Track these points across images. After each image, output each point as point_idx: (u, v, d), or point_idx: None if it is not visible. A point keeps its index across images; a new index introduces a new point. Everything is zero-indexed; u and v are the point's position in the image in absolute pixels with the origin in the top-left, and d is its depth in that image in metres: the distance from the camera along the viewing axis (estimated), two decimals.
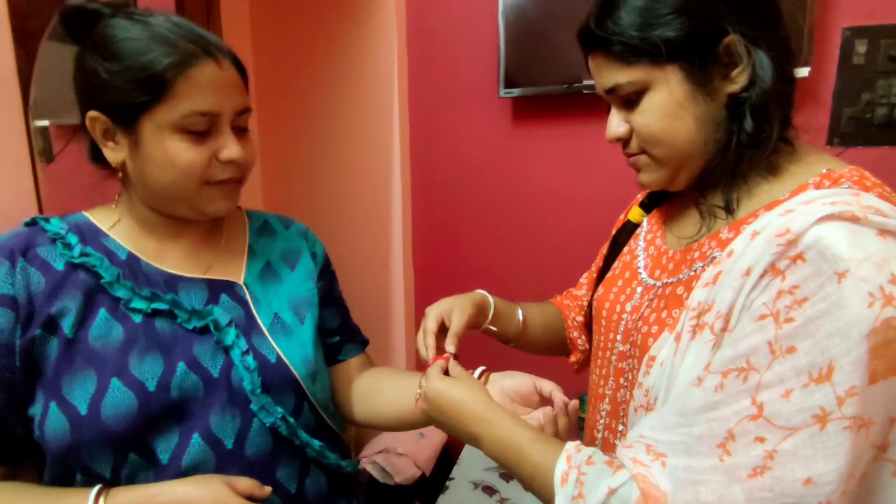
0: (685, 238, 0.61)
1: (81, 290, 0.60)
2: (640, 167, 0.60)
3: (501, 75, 1.49)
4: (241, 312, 0.67)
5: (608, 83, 0.56)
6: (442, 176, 1.68)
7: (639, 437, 0.49)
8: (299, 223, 0.83)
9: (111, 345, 0.59)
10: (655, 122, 0.55)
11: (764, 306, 0.43)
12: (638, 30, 0.52)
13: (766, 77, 0.51)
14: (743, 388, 0.43)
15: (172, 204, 0.63)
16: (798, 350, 0.41)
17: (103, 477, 0.58)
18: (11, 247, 0.59)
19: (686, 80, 0.53)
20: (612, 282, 0.70)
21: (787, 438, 0.41)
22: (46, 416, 0.56)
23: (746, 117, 0.52)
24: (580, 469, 0.49)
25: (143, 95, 0.57)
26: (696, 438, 0.45)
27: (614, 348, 0.65)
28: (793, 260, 0.43)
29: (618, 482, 0.47)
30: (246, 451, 0.63)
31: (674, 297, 0.57)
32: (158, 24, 0.59)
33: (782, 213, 0.46)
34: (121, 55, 0.57)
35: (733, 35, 0.51)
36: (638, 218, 0.72)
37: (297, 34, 1.66)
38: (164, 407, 0.59)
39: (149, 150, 0.59)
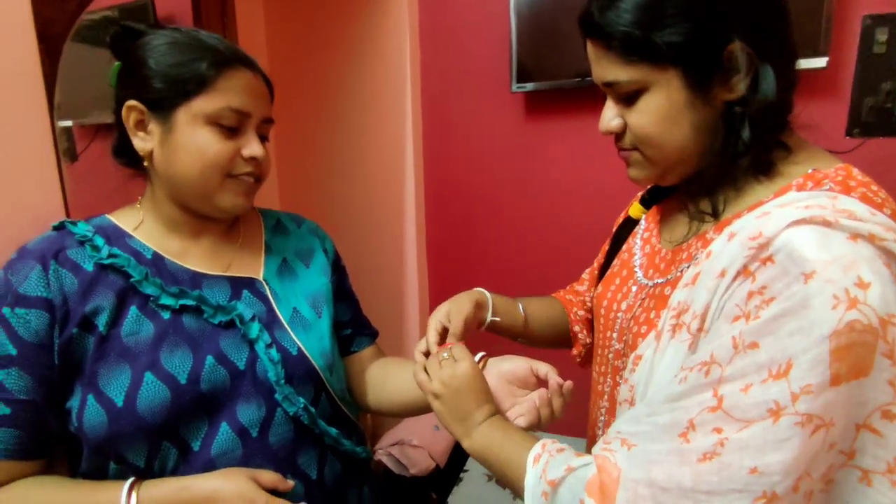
0: (676, 239, 0.61)
1: (113, 289, 0.62)
2: (631, 162, 0.59)
3: (514, 70, 1.49)
4: (262, 307, 0.70)
5: (607, 77, 0.55)
6: (455, 170, 1.69)
7: (616, 433, 0.51)
8: (310, 221, 0.86)
9: (143, 340, 0.62)
10: (651, 125, 0.54)
11: (736, 307, 0.44)
12: (641, 28, 0.50)
13: (770, 88, 0.50)
14: (705, 381, 0.44)
15: (193, 197, 0.66)
16: (760, 346, 0.42)
17: (137, 467, 0.61)
18: (43, 251, 0.62)
19: (686, 85, 0.51)
20: (611, 280, 0.71)
21: (742, 430, 0.42)
22: (85, 409, 0.59)
23: (744, 127, 0.51)
24: (551, 453, 0.53)
25: (187, 85, 0.62)
26: (660, 427, 0.46)
27: (611, 346, 0.66)
28: (763, 262, 0.43)
29: (579, 462, 0.51)
30: (270, 439, 0.66)
31: (661, 297, 0.58)
32: (204, 35, 0.65)
33: (758, 216, 0.46)
34: (170, 53, 0.63)
35: (738, 42, 0.49)
36: (638, 214, 0.72)
37: (311, 30, 1.68)
38: (195, 399, 0.62)
39: (180, 137, 0.63)
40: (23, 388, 0.58)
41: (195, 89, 0.62)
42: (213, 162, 0.63)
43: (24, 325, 0.58)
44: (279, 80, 0.73)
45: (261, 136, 0.69)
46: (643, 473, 0.45)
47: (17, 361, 0.58)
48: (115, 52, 0.67)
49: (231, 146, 0.64)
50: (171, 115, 0.63)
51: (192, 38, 0.65)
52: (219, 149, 0.63)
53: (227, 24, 1.55)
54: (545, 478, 0.51)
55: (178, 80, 0.62)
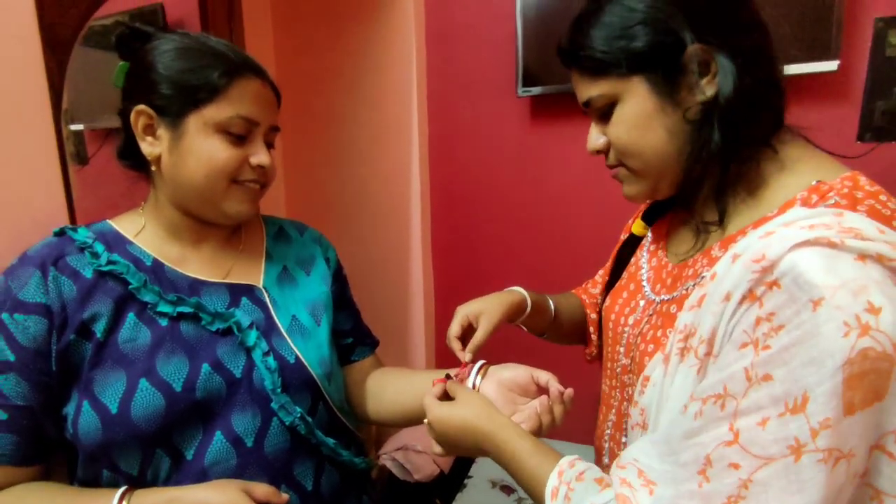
0: (682, 254, 0.61)
1: (111, 296, 0.62)
2: (621, 179, 0.61)
3: (520, 74, 1.48)
4: (261, 315, 0.70)
5: (583, 97, 0.58)
6: (460, 175, 1.68)
7: (633, 460, 0.50)
8: (313, 229, 0.85)
9: (139, 347, 0.62)
10: (626, 134, 0.55)
11: (744, 334, 0.43)
12: (604, 44, 0.54)
13: (728, 85, 0.51)
14: (721, 415, 0.43)
15: (199, 203, 0.66)
16: (774, 378, 0.41)
17: (130, 475, 0.61)
18: (43, 257, 0.62)
19: (653, 91, 0.53)
20: (618, 293, 0.70)
21: (762, 468, 0.40)
22: (80, 415, 0.59)
23: (714, 128, 0.52)
24: (569, 485, 0.51)
25: (198, 93, 0.63)
26: (681, 466, 0.45)
27: (618, 360, 0.66)
28: (769, 286, 0.42)
29: (601, 500, 0.49)
30: (265, 449, 0.65)
31: (667, 315, 0.58)
32: (213, 41, 0.66)
33: (762, 236, 0.45)
34: (180, 59, 0.63)
35: (694, 45, 0.51)
36: (640, 231, 0.72)
37: (318, 34, 1.68)
38: (190, 407, 0.61)
39: (190, 144, 0.63)
40: (20, 393, 0.58)
41: (206, 97, 0.63)
42: (220, 169, 0.64)
43: (22, 331, 0.58)
44: (286, 84, 0.74)
45: (267, 143, 0.69)
46: None
47: (15, 367, 0.58)
48: (121, 52, 0.67)
49: (239, 153, 0.65)
50: (181, 121, 0.63)
51: (201, 44, 0.65)
52: (227, 156, 0.64)
53: (235, 29, 1.55)
54: None
55: (188, 87, 0.62)
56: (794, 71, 1.21)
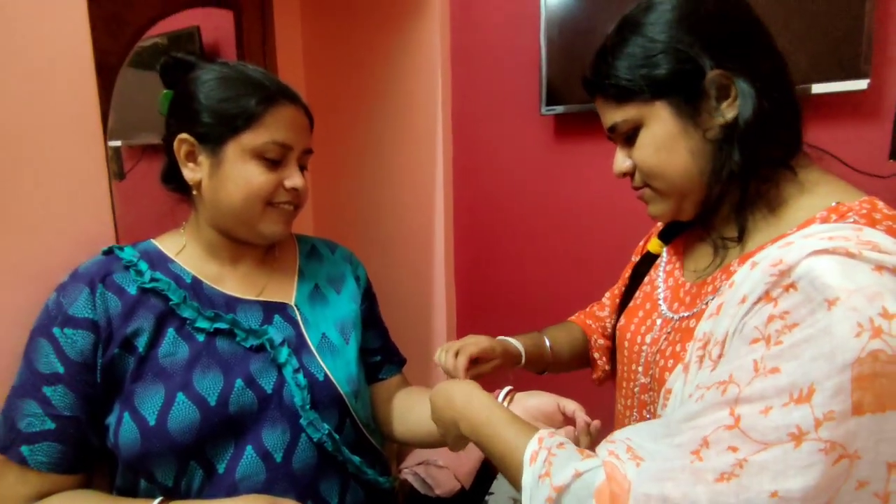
0: (701, 270, 0.62)
1: (153, 312, 0.66)
2: (647, 200, 0.63)
3: (543, 92, 1.49)
4: (292, 332, 0.72)
5: (608, 123, 0.61)
6: (484, 194, 1.69)
7: (625, 438, 0.51)
8: (344, 248, 0.88)
9: (178, 362, 0.64)
10: (651, 156, 0.58)
11: (755, 330, 0.44)
12: (627, 72, 0.56)
13: (748, 108, 0.53)
14: (721, 400, 0.44)
15: (236, 224, 0.70)
16: (781, 371, 0.41)
17: (165, 486, 0.63)
18: (92, 275, 0.66)
19: (675, 115, 0.56)
20: (634, 312, 0.71)
21: (760, 452, 0.41)
22: (121, 426, 0.62)
23: (734, 148, 0.54)
24: (550, 450, 0.51)
25: (236, 121, 0.66)
26: (675, 446, 0.46)
27: (636, 379, 0.66)
28: (785, 288, 0.43)
29: (586, 466, 0.48)
30: (293, 464, 0.67)
31: (687, 330, 0.58)
32: (250, 70, 0.69)
33: (781, 246, 0.46)
34: (219, 89, 0.67)
35: (714, 71, 0.53)
36: (657, 249, 0.74)
37: (346, 55, 1.73)
38: (223, 421, 0.64)
39: (229, 170, 0.67)
40: (68, 404, 0.62)
41: (244, 125, 0.66)
42: (256, 193, 0.67)
43: (71, 344, 0.62)
44: (315, 104, 0.77)
45: (300, 165, 0.72)
46: (656, 489, 0.45)
47: (63, 379, 0.61)
48: (165, 80, 0.71)
49: (274, 178, 0.68)
50: (220, 148, 0.66)
51: (239, 73, 0.68)
52: (263, 180, 0.67)
53: (268, 52, 1.62)
54: (551, 482, 0.49)
55: (227, 115, 0.66)
56: (823, 90, 1.19)
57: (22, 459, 0.60)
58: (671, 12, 0.55)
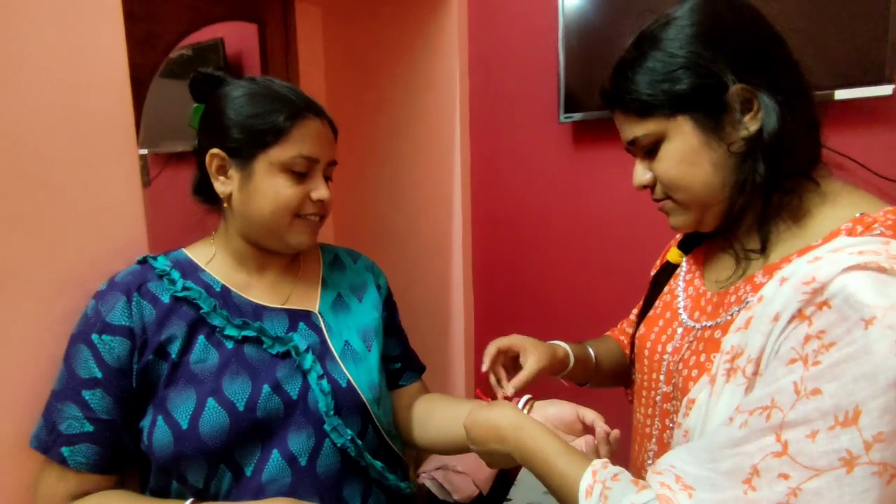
0: (723, 280, 0.62)
1: (185, 320, 0.68)
2: (668, 211, 0.63)
3: (562, 100, 1.49)
4: (316, 339, 0.74)
5: (629, 136, 0.61)
6: (503, 201, 1.70)
7: (669, 467, 0.51)
8: (366, 257, 0.90)
9: (208, 368, 0.67)
10: (673, 169, 0.58)
11: (792, 350, 0.44)
12: (648, 87, 0.57)
13: (772, 121, 0.53)
14: (766, 426, 0.44)
15: (264, 235, 0.72)
16: (823, 392, 0.42)
17: (196, 487, 0.65)
18: (128, 284, 0.68)
19: (698, 129, 0.56)
20: (654, 321, 0.71)
21: (813, 479, 0.41)
22: (154, 429, 0.64)
23: (759, 160, 0.54)
24: (605, 483, 0.51)
25: (265, 136, 0.68)
26: (722, 474, 0.46)
27: (658, 388, 0.66)
28: (819, 307, 0.43)
29: (641, 500, 0.48)
30: (317, 469, 0.69)
31: (711, 340, 0.59)
32: (277, 86, 0.72)
33: (810, 261, 0.46)
34: (248, 105, 0.69)
35: (737, 85, 0.54)
36: (676, 259, 0.74)
37: (366, 63, 1.76)
38: (251, 425, 0.66)
39: (258, 183, 0.69)
40: (105, 408, 0.64)
41: (272, 140, 0.68)
42: (285, 205, 0.70)
43: (109, 350, 0.64)
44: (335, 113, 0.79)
45: (325, 177, 0.74)
46: None
47: (101, 384, 0.64)
48: (194, 95, 0.74)
49: (301, 190, 0.70)
50: (250, 162, 0.69)
51: (266, 88, 0.71)
52: (291, 193, 0.70)
53: (290, 63, 1.65)
54: None
55: (256, 131, 0.68)
56: (847, 95, 1.18)
57: (62, 460, 0.63)
58: (691, 28, 0.56)
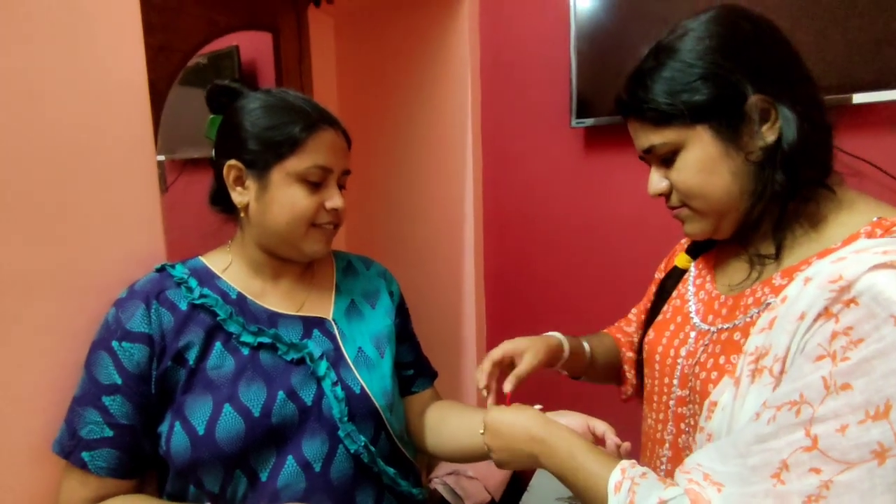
0: (736, 284, 0.63)
1: (203, 326, 0.69)
2: (683, 219, 0.64)
3: (574, 105, 1.49)
4: (330, 346, 0.75)
5: (644, 144, 0.61)
6: (514, 207, 1.69)
7: (696, 465, 0.51)
8: (378, 264, 0.91)
9: (224, 374, 0.68)
10: (692, 178, 0.59)
11: (819, 347, 0.45)
12: (667, 97, 0.57)
13: (791, 132, 0.54)
14: (796, 421, 0.44)
15: (280, 243, 0.73)
16: (853, 387, 0.42)
17: (212, 492, 0.66)
18: (147, 292, 0.70)
19: (717, 138, 0.56)
20: (664, 326, 0.71)
21: (844, 472, 0.41)
22: (172, 434, 0.65)
23: (777, 169, 0.55)
24: (633, 480, 0.52)
25: (281, 147, 0.70)
26: (750, 469, 0.46)
27: (671, 393, 0.66)
28: (846, 304, 0.44)
29: (669, 495, 0.49)
30: (331, 475, 0.69)
31: (730, 342, 0.59)
32: (292, 97, 0.73)
33: (834, 261, 0.47)
34: (264, 117, 0.71)
35: (755, 96, 0.55)
36: (685, 264, 0.75)
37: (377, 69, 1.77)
38: (266, 431, 0.66)
39: (274, 193, 0.71)
40: (125, 413, 0.65)
41: (288, 151, 0.70)
42: (300, 215, 0.71)
43: (128, 357, 0.66)
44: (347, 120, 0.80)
45: (339, 185, 0.75)
46: None
47: (121, 390, 0.65)
48: (212, 107, 0.76)
49: (316, 200, 0.72)
50: (266, 173, 0.70)
51: (281, 100, 0.72)
52: (306, 203, 0.71)
53: (304, 71, 1.67)
54: None
55: (272, 142, 0.70)
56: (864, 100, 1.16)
57: (83, 464, 0.64)
58: (709, 39, 0.56)
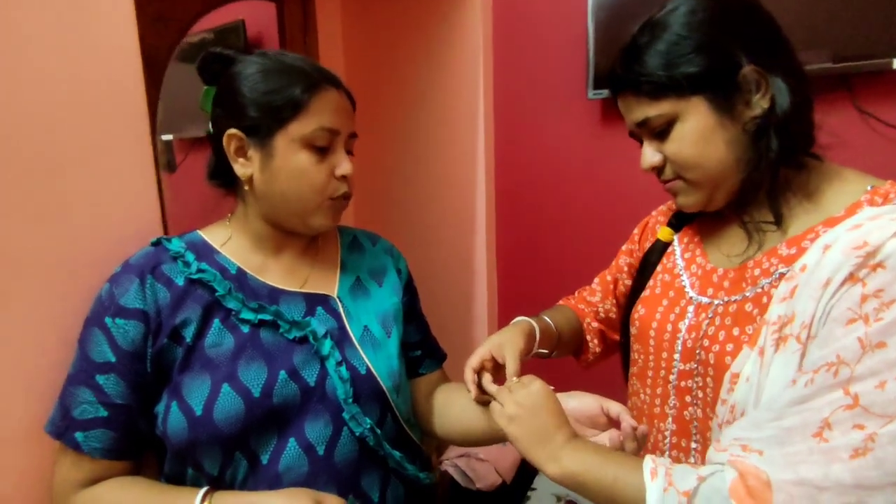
0: (734, 256, 0.64)
1: (200, 303, 0.66)
2: (677, 191, 0.65)
3: (591, 76, 1.43)
4: (334, 324, 0.71)
5: (638, 118, 0.62)
6: (527, 180, 1.65)
7: (733, 440, 0.52)
8: (385, 240, 0.87)
9: (223, 353, 0.65)
10: (688, 149, 0.60)
11: (849, 311, 0.47)
12: (662, 69, 0.59)
13: (785, 100, 0.57)
14: (834, 381, 0.46)
15: (287, 216, 0.70)
16: (888, 345, 0.44)
17: (211, 475, 0.64)
18: (142, 266, 0.66)
19: (712, 109, 0.58)
20: (656, 301, 0.71)
21: (888, 424, 0.43)
22: (169, 414, 0.63)
23: (772, 137, 0.57)
24: (667, 467, 0.53)
25: (283, 112, 0.65)
26: (787, 430, 0.47)
27: (671, 368, 0.67)
28: (872, 268, 0.46)
29: (707, 471, 0.50)
30: (335, 458, 0.66)
31: (742, 314, 0.59)
32: (290, 58, 0.68)
33: (850, 228, 0.50)
34: (263, 81, 0.66)
35: (748, 66, 0.57)
36: (668, 237, 0.76)
37: (386, 39, 1.71)
38: (266, 412, 0.64)
39: (280, 162, 0.66)
40: (119, 393, 0.63)
41: (290, 115, 0.65)
42: (311, 185, 0.67)
43: (122, 334, 0.63)
44: (356, 92, 0.76)
45: (347, 151, 0.71)
46: (791, 474, 0.46)
47: (115, 368, 0.63)
48: (204, 77, 0.71)
49: (325, 167, 0.68)
50: (269, 141, 0.66)
51: (279, 62, 0.67)
52: (315, 171, 0.67)
53: (309, 42, 1.62)
54: (675, 488, 0.50)
55: (273, 107, 0.65)
56: None
57: (76, 445, 0.62)
58: (701, 12, 0.58)
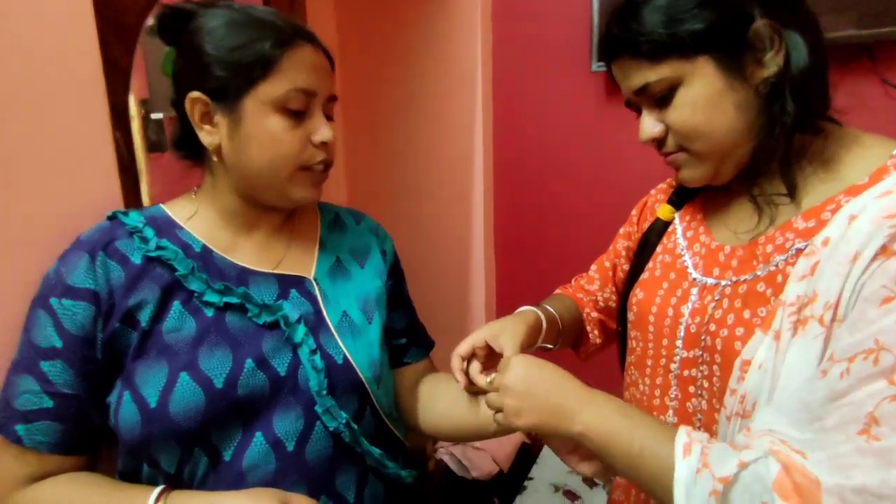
0: (744, 232, 0.58)
1: (159, 283, 0.60)
2: (679, 165, 0.60)
3: (594, 47, 1.37)
4: (309, 309, 0.66)
5: (637, 83, 0.56)
6: (527, 157, 1.58)
7: (767, 431, 0.47)
8: (370, 218, 0.81)
9: (183, 338, 0.59)
10: (693, 116, 0.55)
11: (885, 289, 0.42)
12: (664, 27, 0.53)
13: (801, 57, 0.51)
14: (875, 370, 0.41)
15: (262, 188, 0.63)
16: None
17: (168, 472, 0.59)
18: (93, 242, 0.60)
19: (720, 70, 0.53)
20: (655, 284, 0.66)
21: None
22: (121, 406, 0.57)
23: (787, 99, 0.52)
24: (703, 443, 0.47)
25: (251, 71, 0.59)
26: (829, 431, 0.43)
27: (672, 356, 0.61)
28: None
29: (750, 457, 0.45)
30: (306, 455, 0.61)
31: (754, 294, 0.54)
32: (260, 11, 0.61)
33: (879, 196, 0.45)
34: (229, 36, 0.59)
35: (761, 20, 0.51)
36: (668, 216, 0.70)
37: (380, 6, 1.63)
38: (230, 404, 0.58)
39: (250, 128, 0.60)
40: (67, 381, 0.57)
41: (260, 74, 0.59)
42: (286, 153, 0.61)
43: (70, 317, 0.57)
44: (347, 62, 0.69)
45: (326, 115, 0.65)
46: (843, 479, 0.41)
47: (61, 354, 0.57)
48: (164, 37, 0.64)
49: (301, 133, 0.61)
50: (237, 104, 0.60)
51: (247, 15, 0.60)
52: (290, 138, 0.61)
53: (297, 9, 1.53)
54: (712, 474, 0.44)
55: (241, 65, 0.59)
56: None
57: (17, 439, 0.56)
58: None
